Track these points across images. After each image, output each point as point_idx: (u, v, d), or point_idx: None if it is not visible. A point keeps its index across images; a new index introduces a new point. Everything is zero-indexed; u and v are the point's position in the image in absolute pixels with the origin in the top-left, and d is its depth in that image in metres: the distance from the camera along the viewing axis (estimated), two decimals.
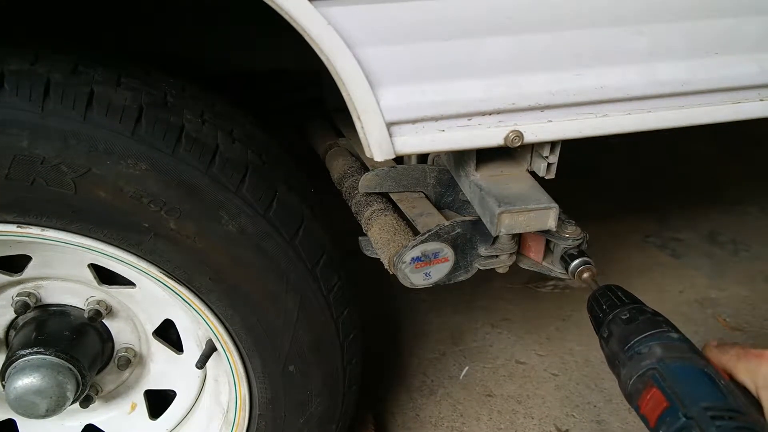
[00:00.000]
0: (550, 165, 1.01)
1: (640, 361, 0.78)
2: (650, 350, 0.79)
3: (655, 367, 0.76)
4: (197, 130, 0.98)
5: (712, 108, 0.99)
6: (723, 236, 2.49)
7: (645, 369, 0.77)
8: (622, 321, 0.84)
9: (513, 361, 1.89)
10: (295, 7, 0.77)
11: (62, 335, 1.12)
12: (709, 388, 0.73)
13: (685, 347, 0.79)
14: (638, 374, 0.78)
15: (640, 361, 0.78)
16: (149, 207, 0.94)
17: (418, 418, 1.70)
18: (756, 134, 3.14)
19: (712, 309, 2.09)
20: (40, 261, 1.10)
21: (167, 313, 1.20)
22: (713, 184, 2.84)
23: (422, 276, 1.05)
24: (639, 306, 0.86)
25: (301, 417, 1.20)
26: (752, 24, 0.95)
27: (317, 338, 1.13)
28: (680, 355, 0.77)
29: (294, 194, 1.09)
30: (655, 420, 0.74)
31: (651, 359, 0.78)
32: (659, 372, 0.76)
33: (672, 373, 0.75)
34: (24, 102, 0.86)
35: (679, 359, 0.77)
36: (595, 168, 2.79)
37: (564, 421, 1.69)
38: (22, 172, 0.88)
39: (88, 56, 0.97)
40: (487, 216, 0.99)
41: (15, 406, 1.07)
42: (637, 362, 0.79)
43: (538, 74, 0.90)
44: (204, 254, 1.00)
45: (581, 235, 1.04)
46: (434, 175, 1.18)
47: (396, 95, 0.86)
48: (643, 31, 0.91)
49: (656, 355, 0.78)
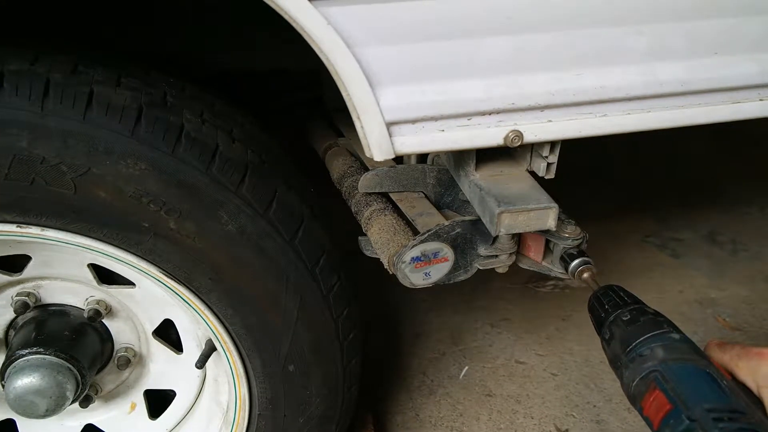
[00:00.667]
0: (550, 165, 1.01)
1: (642, 363, 0.78)
2: (652, 352, 0.78)
3: (658, 369, 0.76)
4: (197, 130, 0.98)
5: (711, 108, 0.99)
6: (722, 236, 2.49)
7: (647, 371, 0.77)
8: (623, 322, 0.84)
9: (513, 360, 1.89)
10: (295, 7, 0.77)
11: (62, 335, 1.12)
12: (711, 389, 0.73)
13: (687, 348, 0.78)
14: (641, 376, 0.77)
15: (642, 363, 0.78)
16: (149, 207, 0.94)
17: (417, 417, 1.70)
18: (756, 134, 3.14)
19: (711, 309, 2.09)
20: (40, 261, 1.10)
21: (167, 313, 1.20)
22: (713, 184, 2.84)
23: (422, 276, 1.05)
24: (640, 306, 0.86)
25: (301, 417, 1.20)
26: (752, 24, 0.95)
27: (317, 338, 1.13)
28: (682, 356, 0.77)
29: (294, 194, 1.09)
30: (658, 422, 0.73)
31: (653, 361, 0.77)
32: (661, 374, 0.75)
33: (674, 374, 0.75)
34: (24, 102, 0.86)
35: (681, 360, 0.76)
36: (595, 168, 2.79)
37: (563, 420, 1.69)
38: (21, 172, 0.88)
39: (87, 56, 0.97)
40: (486, 216, 0.99)
41: (14, 405, 1.07)
42: (639, 364, 0.78)
43: (538, 74, 0.90)
44: (204, 254, 1.00)
45: (581, 235, 1.04)
46: (434, 175, 1.18)
47: (396, 95, 0.86)
48: (643, 30, 0.91)
49: (658, 356, 0.77)
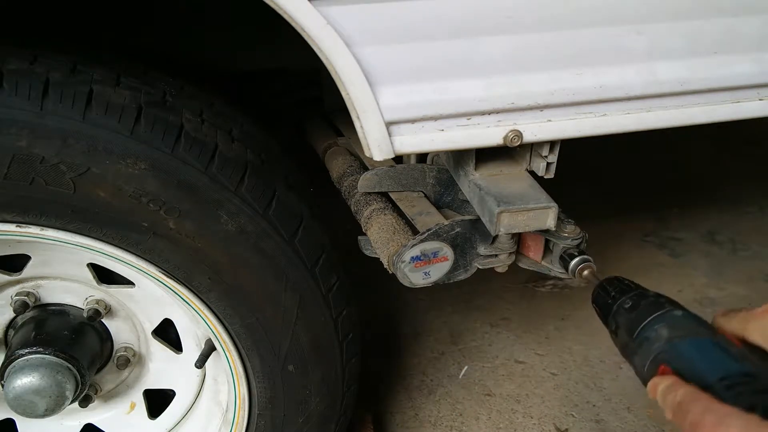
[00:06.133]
0: (550, 164, 1.01)
1: (650, 346, 0.78)
2: (657, 333, 0.78)
3: (665, 350, 0.76)
4: (196, 130, 0.98)
5: (711, 107, 0.99)
6: (722, 236, 2.49)
7: (655, 353, 0.77)
8: (626, 310, 0.84)
9: (512, 360, 1.89)
10: (295, 7, 0.77)
11: (61, 335, 1.12)
12: (720, 358, 0.72)
13: (692, 323, 0.78)
14: (650, 360, 0.77)
15: (650, 346, 0.78)
16: (148, 206, 0.94)
17: (417, 417, 1.70)
18: (755, 134, 3.14)
19: (711, 308, 2.09)
20: (40, 260, 1.10)
21: (166, 312, 1.20)
22: (712, 184, 2.84)
23: (422, 275, 1.05)
24: (640, 291, 0.86)
25: (301, 416, 1.20)
26: (752, 23, 0.95)
27: (316, 337, 1.13)
28: (687, 331, 0.77)
29: (293, 193, 1.09)
30: None
31: (659, 342, 0.77)
32: (669, 354, 0.75)
33: (682, 351, 0.75)
34: (23, 101, 0.86)
35: (687, 336, 0.76)
36: (594, 168, 2.79)
37: (563, 420, 1.69)
38: (21, 172, 0.88)
39: (87, 55, 0.97)
40: (486, 215, 0.99)
41: (14, 405, 1.07)
42: (647, 348, 0.78)
43: (538, 73, 0.90)
44: (203, 253, 1.00)
45: (580, 235, 1.04)
46: (433, 175, 1.18)
47: (395, 95, 0.86)
48: (643, 30, 0.91)
49: (663, 337, 0.77)
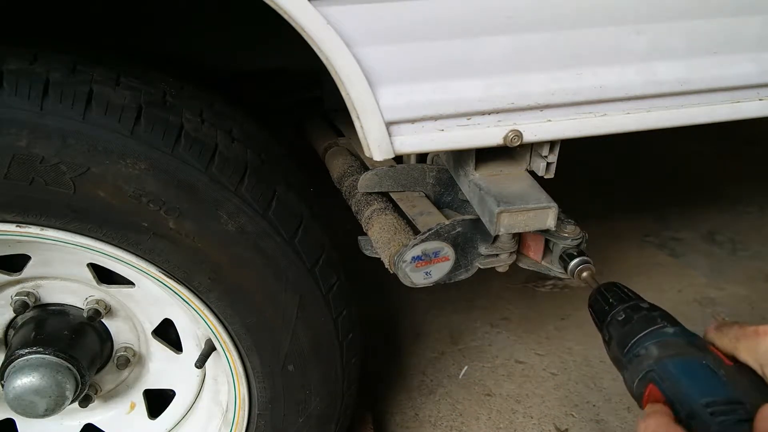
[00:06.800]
0: (550, 164, 1.01)
1: (639, 364, 0.78)
2: (647, 351, 0.78)
3: (653, 369, 0.76)
4: (196, 130, 0.98)
5: (711, 107, 0.99)
6: (722, 236, 2.49)
7: (644, 371, 0.77)
8: (619, 323, 0.84)
9: (512, 360, 1.89)
10: (295, 7, 0.77)
11: (61, 335, 1.12)
12: (708, 381, 0.72)
13: (682, 341, 0.78)
14: (639, 377, 0.77)
15: (639, 364, 0.78)
16: (148, 206, 0.94)
17: (417, 417, 1.70)
18: (755, 134, 3.14)
19: (710, 308, 2.10)
20: (40, 260, 1.10)
21: (166, 312, 1.20)
22: (712, 184, 2.84)
23: (423, 275, 1.05)
24: (634, 303, 0.86)
25: (301, 416, 1.20)
26: (751, 24, 0.95)
27: (316, 338, 1.13)
28: (677, 351, 0.77)
29: (293, 193, 1.09)
30: None
31: (649, 360, 0.77)
32: (657, 373, 0.75)
33: (670, 372, 0.75)
34: (23, 101, 0.86)
35: (676, 356, 0.76)
36: (594, 168, 2.79)
37: (563, 420, 1.69)
38: (21, 172, 0.88)
39: (87, 55, 0.97)
40: (486, 215, 0.99)
41: (14, 405, 1.07)
42: (637, 365, 0.78)
43: (538, 74, 0.90)
44: (203, 253, 1.00)
45: (580, 235, 1.04)
46: (434, 175, 1.18)
47: (395, 95, 0.86)
48: (642, 30, 0.91)
49: (653, 355, 0.77)
